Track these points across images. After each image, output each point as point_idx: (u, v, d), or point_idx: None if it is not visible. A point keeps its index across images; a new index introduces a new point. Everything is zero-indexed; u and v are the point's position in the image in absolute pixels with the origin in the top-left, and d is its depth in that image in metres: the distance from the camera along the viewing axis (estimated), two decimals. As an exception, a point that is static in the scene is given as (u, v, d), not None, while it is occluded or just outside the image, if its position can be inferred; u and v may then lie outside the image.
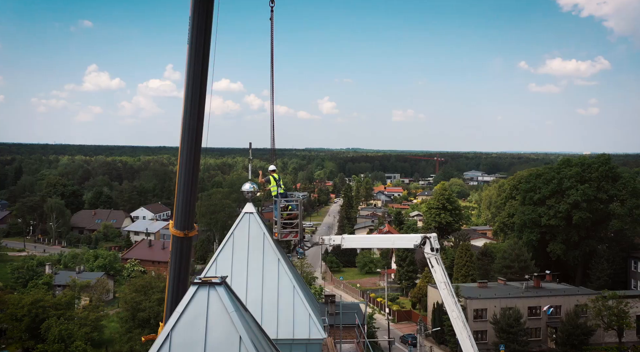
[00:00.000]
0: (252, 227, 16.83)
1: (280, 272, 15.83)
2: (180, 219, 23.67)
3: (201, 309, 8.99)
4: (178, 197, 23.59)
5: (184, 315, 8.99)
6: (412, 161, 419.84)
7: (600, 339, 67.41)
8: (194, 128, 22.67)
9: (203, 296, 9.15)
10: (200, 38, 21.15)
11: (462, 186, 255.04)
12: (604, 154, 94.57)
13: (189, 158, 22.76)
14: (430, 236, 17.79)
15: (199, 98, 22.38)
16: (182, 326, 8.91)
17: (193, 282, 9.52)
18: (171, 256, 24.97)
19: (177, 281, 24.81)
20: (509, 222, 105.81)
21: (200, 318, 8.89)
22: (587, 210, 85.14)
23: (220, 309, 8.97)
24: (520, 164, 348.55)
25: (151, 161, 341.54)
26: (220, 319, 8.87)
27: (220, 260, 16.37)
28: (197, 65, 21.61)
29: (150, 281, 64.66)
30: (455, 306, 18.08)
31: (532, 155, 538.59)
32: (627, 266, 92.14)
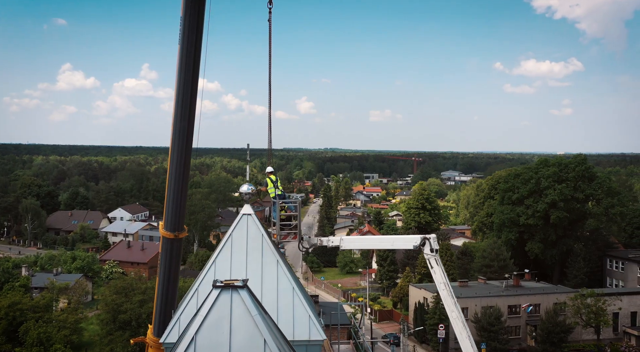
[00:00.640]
0: (250, 228, 16.78)
1: (279, 273, 15.82)
2: (170, 221, 23.52)
3: (224, 312, 8.94)
4: (168, 199, 23.42)
5: (207, 318, 8.92)
6: (390, 161, 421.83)
7: (578, 337, 68.55)
8: (184, 129, 22.51)
9: (226, 299, 9.09)
10: (191, 38, 21.02)
11: (439, 186, 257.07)
12: (580, 155, 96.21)
13: (180, 160, 22.60)
14: (429, 237, 17.93)
15: (190, 99, 22.24)
16: (206, 329, 8.84)
17: (215, 285, 9.45)
18: (161, 257, 24.78)
19: (167, 282, 24.65)
20: (488, 222, 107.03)
21: (224, 321, 8.83)
22: (564, 209, 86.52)
23: (244, 312, 8.92)
24: (497, 164, 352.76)
25: (128, 161, 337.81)
26: (243, 322, 8.82)
27: (219, 261, 16.29)
28: (188, 65, 21.48)
29: (131, 282, 64.04)
30: (454, 306, 18.25)
31: (507, 155, 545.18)
32: (603, 264, 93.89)
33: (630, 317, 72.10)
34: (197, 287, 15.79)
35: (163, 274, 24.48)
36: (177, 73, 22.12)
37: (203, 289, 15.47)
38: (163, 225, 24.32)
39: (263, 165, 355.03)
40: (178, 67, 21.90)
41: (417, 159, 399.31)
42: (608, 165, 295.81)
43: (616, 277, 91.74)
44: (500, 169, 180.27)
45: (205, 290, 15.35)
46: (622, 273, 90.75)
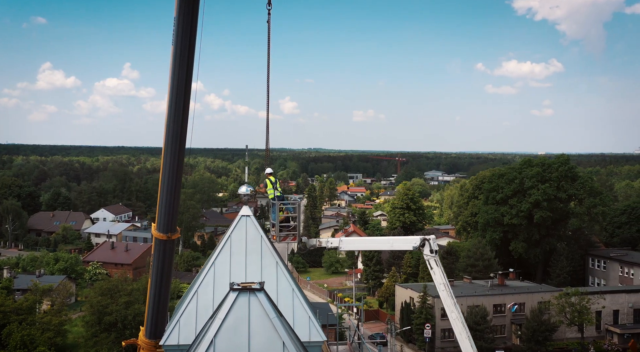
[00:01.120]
0: (249, 230, 16.78)
1: (278, 274, 15.84)
2: (163, 222, 23.36)
3: (242, 315, 8.93)
4: (161, 200, 23.26)
5: (226, 321, 8.91)
6: (373, 161, 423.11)
7: (562, 335, 69.42)
8: (177, 130, 22.41)
9: (244, 302, 9.09)
10: (185, 39, 20.93)
11: (423, 186, 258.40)
12: (564, 155, 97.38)
13: (173, 161, 22.47)
14: (429, 238, 18.05)
15: (184, 100, 22.14)
16: (224, 332, 8.83)
17: (232, 288, 9.43)
18: (153, 259, 24.62)
19: (159, 284, 24.47)
20: (472, 222, 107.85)
21: (242, 324, 8.83)
22: (547, 209, 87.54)
23: (262, 315, 8.93)
24: (479, 164, 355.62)
25: (110, 161, 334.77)
26: (262, 325, 8.82)
27: (218, 263, 16.25)
28: (182, 66, 21.38)
29: (116, 284, 63.50)
30: (454, 307, 18.38)
31: (490, 156, 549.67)
32: (585, 263, 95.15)
33: (613, 315, 73.17)
34: (196, 289, 15.75)
35: (155, 275, 24.31)
36: (170, 74, 21.99)
37: (203, 291, 15.44)
38: (155, 226, 24.17)
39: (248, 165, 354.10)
40: (172, 69, 21.76)
41: (401, 159, 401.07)
42: (588, 165, 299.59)
43: (598, 276, 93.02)
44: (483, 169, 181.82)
45: (205, 292, 15.33)
46: (604, 272, 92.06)
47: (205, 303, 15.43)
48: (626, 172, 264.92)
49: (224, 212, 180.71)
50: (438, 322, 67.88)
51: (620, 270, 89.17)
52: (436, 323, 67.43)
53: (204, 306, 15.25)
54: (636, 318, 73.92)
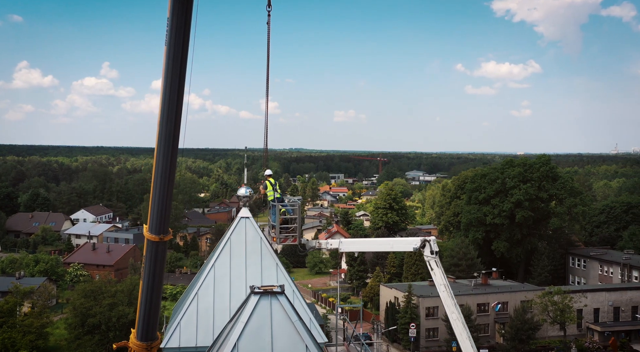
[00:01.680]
0: (248, 231, 16.72)
1: (279, 276, 15.81)
2: (155, 223, 23.18)
3: (265, 318, 8.91)
4: (153, 201, 23.10)
5: (248, 325, 8.88)
6: (355, 161, 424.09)
7: (545, 333, 70.27)
8: (170, 131, 22.30)
9: (265, 306, 9.06)
10: (178, 39, 20.83)
11: (405, 186, 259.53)
12: (545, 155, 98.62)
13: (166, 161, 22.34)
14: (429, 239, 18.14)
15: (177, 100, 22.03)
16: (247, 336, 8.79)
17: (254, 291, 9.39)
18: (145, 261, 24.41)
19: (151, 286, 24.26)
20: (455, 221, 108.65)
21: (265, 327, 8.80)
22: (528, 209, 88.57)
23: (284, 318, 8.92)
24: (460, 164, 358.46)
25: (89, 162, 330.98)
26: (284, 328, 8.81)
27: (218, 265, 16.17)
28: (175, 67, 21.28)
29: (100, 285, 62.80)
30: (455, 307, 18.49)
31: (470, 155, 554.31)
32: (565, 262, 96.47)
33: (593, 313, 74.26)
34: (196, 291, 15.65)
35: (147, 277, 24.08)
36: (163, 75, 21.86)
37: (203, 293, 15.35)
38: (147, 228, 23.99)
39: (229, 165, 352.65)
40: (165, 69, 21.64)
41: (382, 159, 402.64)
42: (566, 165, 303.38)
43: (578, 274, 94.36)
44: (464, 169, 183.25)
45: (205, 294, 15.25)
46: (584, 271, 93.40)
47: (206, 305, 15.36)
48: (603, 172, 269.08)
49: (206, 213, 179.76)
50: (423, 321, 68.30)
51: (599, 269, 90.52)
52: (421, 323, 67.83)
53: (204, 308, 15.19)
54: (616, 316, 75.10)
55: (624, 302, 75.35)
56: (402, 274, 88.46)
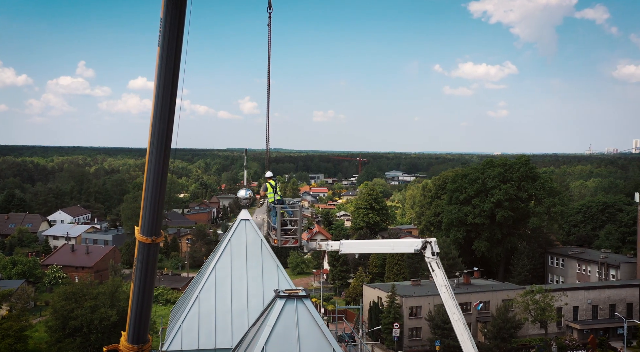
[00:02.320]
0: (248, 233, 16.65)
1: (280, 278, 15.79)
2: (147, 225, 22.98)
3: (291, 322, 8.87)
4: (145, 202, 22.89)
5: (275, 328, 8.83)
6: (335, 161, 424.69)
7: (525, 332, 71.13)
8: (163, 131, 22.15)
9: (291, 310, 9.02)
10: (172, 40, 20.72)
11: (384, 186, 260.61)
12: (524, 155, 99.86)
13: (158, 162, 22.17)
14: (430, 241, 18.25)
15: (170, 101, 21.90)
16: (275, 340, 8.74)
17: (279, 295, 9.36)
18: (136, 263, 24.18)
19: (142, 288, 24.05)
20: (435, 221, 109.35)
21: (292, 331, 8.77)
22: (508, 208, 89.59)
23: (310, 321, 8.90)
24: (438, 164, 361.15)
25: (65, 162, 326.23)
26: (310, 331, 8.79)
27: (219, 268, 16.07)
28: (168, 67, 21.16)
29: (81, 287, 61.95)
30: (456, 308, 18.62)
31: (448, 156, 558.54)
32: (544, 261, 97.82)
33: (573, 311, 75.39)
34: (198, 294, 15.54)
35: (139, 280, 23.88)
36: (156, 75, 21.74)
37: (204, 296, 15.25)
38: (139, 229, 23.79)
39: (208, 166, 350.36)
40: (158, 69, 21.52)
41: (362, 159, 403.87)
42: (542, 165, 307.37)
43: (557, 273, 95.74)
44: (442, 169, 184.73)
45: (206, 297, 15.16)
46: (562, 269, 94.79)
47: (208, 308, 15.27)
48: (579, 172, 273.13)
49: (186, 214, 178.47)
50: (406, 321, 68.67)
51: (577, 267, 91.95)
52: (404, 322, 68.19)
53: (206, 311, 15.09)
54: (594, 314, 76.35)
55: (602, 300, 76.63)
56: (385, 274, 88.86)
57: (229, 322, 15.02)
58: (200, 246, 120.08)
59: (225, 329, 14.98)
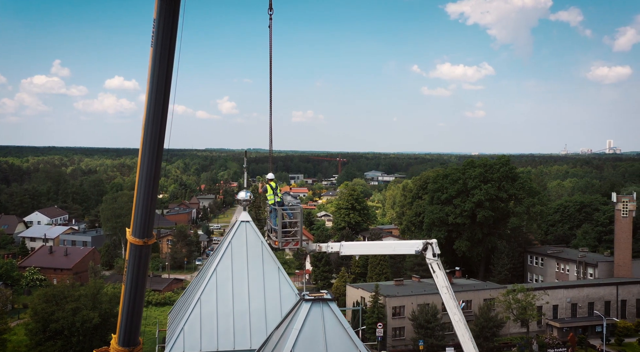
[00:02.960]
0: (249, 235, 16.60)
1: (281, 280, 15.77)
2: (139, 227, 22.81)
3: (317, 325, 8.87)
4: (137, 204, 22.73)
5: (302, 332, 8.82)
6: (314, 162, 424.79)
7: (507, 331, 71.95)
8: (156, 132, 22.02)
9: (317, 313, 9.02)
10: (165, 41, 20.60)
11: (364, 186, 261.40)
12: (504, 156, 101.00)
13: (150, 164, 22.01)
14: (431, 242, 18.36)
15: (163, 102, 21.76)
16: (302, 343, 8.73)
17: (305, 298, 9.34)
18: (128, 265, 23.96)
19: (134, 291, 23.86)
20: (416, 221, 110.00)
21: (318, 334, 8.77)
22: (489, 208, 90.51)
23: (336, 324, 8.91)
24: (417, 164, 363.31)
25: (41, 162, 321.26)
26: (337, 334, 8.81)
27: (220, 270, 15.99)
28: (161, 68, 21.05)
29: (62, 290, 61.08)
30: (457, 309, 18.74)
31: (427, 156, 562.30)
32: (524, 260, 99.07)
33: (552, 310, 76.47)
34: (199, 296, 15.45)
35: (130, 282, 23.68)
36: (149, 76, 21.60)
37: (206, 298, 15.17)
38: (130, 231, 23.60)
39: (187, 166, 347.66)
40: (151, 70, 21.40)
41: (341, 159, 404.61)
42: (520, 165, 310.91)
43: (536, 272, 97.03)
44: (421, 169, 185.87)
45: (208, 299, 15.09)
46: (541, 268, 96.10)
47: (209, 310, 15.19)
48: (555, 172, 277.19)
49: (165, 214, 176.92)
50: (389, 321, 68.97)
51: (556, 266, 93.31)
52: (387, 322, 68.49)
53: (208, 313, 15.02)
54: (573, 312, 77.54)
55: (580, 298, 77.85)
56: (367, 274, 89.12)
57: (231, 325, 14.94)
58: (180, 247, 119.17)
59: (227, 331, 14.90)
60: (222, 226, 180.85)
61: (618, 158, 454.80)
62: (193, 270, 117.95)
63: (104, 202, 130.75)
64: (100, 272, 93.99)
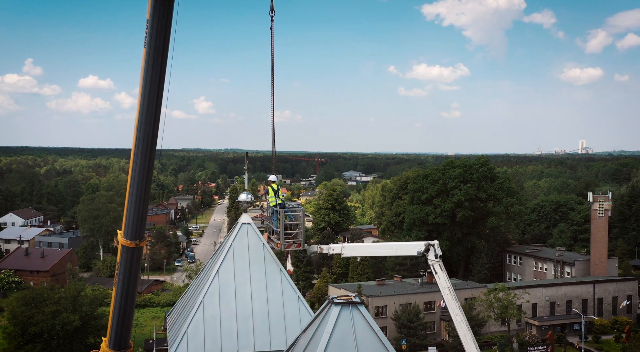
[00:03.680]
0: (250, 237, 16.54)
1: (283, 282, 15.75)
2: (131, 229, 22.60)
3: (347, 328, 8.85)
4: (129, 206, 22.51)
5: (333, 335, 8.79)
6: (293, 162, 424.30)
7: (487, 329, 72.74)
8: (149, 134, 21.87)
9: (347, 316, 9.00)
10: (159, 41, 20.45)
11: (343, 186, 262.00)
12: (483, 156, 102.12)
13: (143, 165, 21.84)
14: (433, 244, 18.46)
15: (156, 103, 21.60)
16: (333, 346, 8.70)
17: (334, 302, 9.32)
18: (119, 267, 23.72)
19: (125, 293, 23.65)
20: (397, 221, 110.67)
21: (349, 337, 8.76)
22: (469, 208, 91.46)
23: (366, 328, 8.92)
24: (395, 164, 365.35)
25: (14, 162, 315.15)
26: (367, 337, 8.81)
27: (222, 272, 15.90)
28: (155, 69, 20.90)
29: (42, 292, 60.07)
30: (459, 310, 18.87)
31: (404, 156, 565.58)
32: (503, 259, 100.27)
33: (532, 308, 77.50)
34: (202, 299, 15.34)
35: (122, 284, 23.47)
36: (142, 77, 21.43)
37: (209, 301, 15.09)
38: (122, 233, 23.38)
39: (164, 166, 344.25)
40: (144, 71, 21.22)
41: (320, 159, 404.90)
42: (496, 165, 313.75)
43: (514, 271, 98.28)
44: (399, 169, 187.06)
45: (211, 302, 15.00)
46: (519, 267, 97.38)
47: (212, 313, 15.11)
48: (530, 172, 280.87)
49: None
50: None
51: (534, 265, 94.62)
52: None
53: (211, 316, 14.93)
54: (552, 311, 78.71)
55: (559, 297, 79.04)
56: (349, 274, 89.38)
57: (234, 327, 14.86)
58: (160, 248, 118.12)
59: (230, 333, 14.82)
60: (201, 226, 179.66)
61: (591, 158, 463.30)
62: (173, 271, 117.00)
63: (81, 203, 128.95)
64: (78, 274, 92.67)
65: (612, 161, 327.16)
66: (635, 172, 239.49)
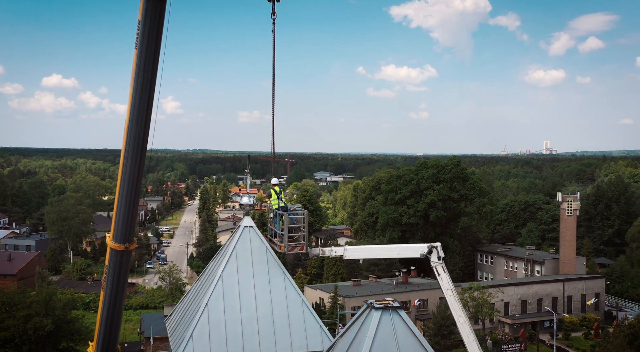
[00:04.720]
0: (253, 241, 16.48)
1: (287, 285, 15.73)
2: (120, 232, 22.41)
3: (389, 332, 8.90)
4: (119, 209, 22.31)
5: (375, 340, 8.81)
6: (263, 162, 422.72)
7: (461, 327, 73.70)
8: (140, 136, 21.75)
9: (387, 320, 9.03)
10: (150, 42, 20.37)
11: (314, 187, 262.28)
12: (455, 157, 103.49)
13: (133, 167, 21.68)
14: (436, 246, 18.64)
15: (147, 104, 21.47)
16: (375, 351, 8.72)
17: (374, 307, 9.32)
18: (108, 271, 23.45)
19: (114, 296, 23.43)
20: (370, 222, 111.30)
21: (390, 342, 8.80)
22: (441, 208, 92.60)
23: (406, 331, 8.98)
24: (365, 165, 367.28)
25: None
26: (408, 341, 8.86)
27: (226, 276, 15.80)
28: (146, 70, 20.81)
29: (12, 296, 58.59)
30: (461, 311, 19.09)
31: (374, 156, 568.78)
32: (474, 258, 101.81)
33: (504, 307, 78.90)
34: (206, 303, 15.22)
35: (110, 288, 23.26)
36: (133, 78, 21.30)
37: (213, 305, 14.98)
38: (111, 237, 23.14)
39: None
40: (135, 72, 21.11)
41: (290, 160, 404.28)
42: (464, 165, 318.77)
43: (486, 270, 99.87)
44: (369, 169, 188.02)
45: (215, 305, 14.90)
46: (491, 266, 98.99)
47: (217, 317, 15.01)
48: (498, 172, 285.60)
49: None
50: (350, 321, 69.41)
51: (505, 264, 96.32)
52: (347, 323, 68.85)
53: (216, 320, 14.84)
54: (523, 309, 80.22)
55: (530, 295, 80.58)
56: (323, 275, 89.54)
57: (239, 330, 14.78)
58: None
59: (235, 337, 14.74)
60: (172, 227, 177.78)
61: (555, 158, 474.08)
62: (144, 273, 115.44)
63: (49, 205, 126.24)
64: (47, 277, 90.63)
65: (575, 161, 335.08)
66: (599, 172, 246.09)
